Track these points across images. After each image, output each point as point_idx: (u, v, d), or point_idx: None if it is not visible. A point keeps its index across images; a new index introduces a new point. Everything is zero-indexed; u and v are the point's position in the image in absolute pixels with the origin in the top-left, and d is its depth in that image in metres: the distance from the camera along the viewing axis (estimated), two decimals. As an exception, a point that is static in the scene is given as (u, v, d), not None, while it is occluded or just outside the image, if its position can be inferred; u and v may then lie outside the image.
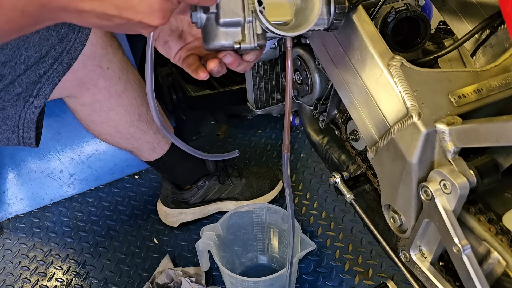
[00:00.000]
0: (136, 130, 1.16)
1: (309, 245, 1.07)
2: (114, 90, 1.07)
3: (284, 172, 0.72)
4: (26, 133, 0.97)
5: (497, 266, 0.65)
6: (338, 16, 0.62)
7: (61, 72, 0.93)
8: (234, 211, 1.19)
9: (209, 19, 0.59)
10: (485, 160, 0.65)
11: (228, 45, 0.60)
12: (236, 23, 0.58)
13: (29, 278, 1.31)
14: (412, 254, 0.75)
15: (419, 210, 0.69)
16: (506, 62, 0.71)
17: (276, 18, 0.61)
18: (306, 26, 0.59)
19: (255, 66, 1.18)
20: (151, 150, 1.24)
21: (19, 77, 0.90)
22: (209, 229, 1.14)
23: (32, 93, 0.93)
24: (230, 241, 1.21)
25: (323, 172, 1.55)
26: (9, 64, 0.88)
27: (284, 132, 0.67)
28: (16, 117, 0.95)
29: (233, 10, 0.57)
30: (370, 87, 0.69)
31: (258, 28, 0.59)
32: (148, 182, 1.59)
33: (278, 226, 1.21)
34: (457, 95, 0.66)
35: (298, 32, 0.59)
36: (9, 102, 0.93)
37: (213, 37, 0.59)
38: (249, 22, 0.58)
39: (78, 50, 0.93)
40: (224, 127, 1.79)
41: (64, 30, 0.90)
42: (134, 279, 1.28)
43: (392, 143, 0.68)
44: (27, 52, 0.88)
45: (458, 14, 0.82)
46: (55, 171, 1.54)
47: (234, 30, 0.59)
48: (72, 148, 1.55)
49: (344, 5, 0.62)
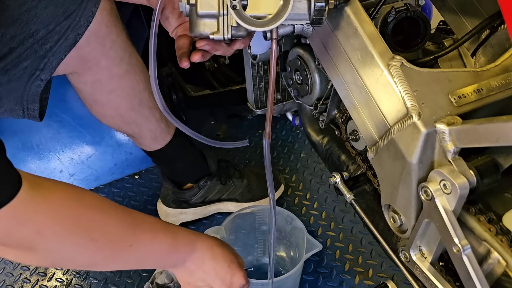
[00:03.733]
0: (137, 115, 1.17)
1: (315, 246, 1.06)
2: (116, 71, 1.07)
3: (266, 160, 0.73)
4: (30, 105, 0.98)
5: (497, 266, 0.65)
6: (318, 13, 0.65)
7: (67, 47, 0.96)
8: (237, 213, 1.18)
9: (192, 10, 0.65)
10: (485, 160, 0.65)
11: (205, 34, 0.66)
12: (212, 15, 0.64)
13: (29, 278, 1.31)
14: (412, 254, 0.75)
15: (419, 210, 0.69)
16: (506, 62, 0.71)
17: (259, 11, 0.63)
18: (276, 21, 0.62)
19: (255, 66, 1.18)
20: (153, 139, 1.24)
21: (26, 51, 0.92)
22: (212, 232, 1.13)
23: (39, 67, 0.95)
24: (232, 243, 1.20)
25: (323, 172, 1.54)
26: (18, 37, 0.90)
27: (266, 119, 0.68)
28: (21, 88, 0.96)
29: (209, 3, 0.64)
30: (370, 87, 0.69)
31: (233, 21, 0.64)
32: (148, 182, 1.58)
33: (281, 227, 1.20)
34: (457, 95, 0.66)
35: (266, 28, 0.62)
36: (15, 75, 0.95)
37: (194, 26, 0.66)
38: (224, 15, 0.64)
39: (84, 27, 0.95)
40: (224, 127, 1.79)
41: (71, 7, 0.93)
42: (134, 279, 1.28)
43: (392, 143, 0.68)
44: (36, 26, 0.91)
45: (458, 14, 0.82)
46: (55, 171, 1.54)
47: (211, 21, 0.65)
48: (72, 148, 1.55)
49: (323, 3, 0.64)
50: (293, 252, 1.21)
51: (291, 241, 1.20)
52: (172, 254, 0.83)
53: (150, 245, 0.78)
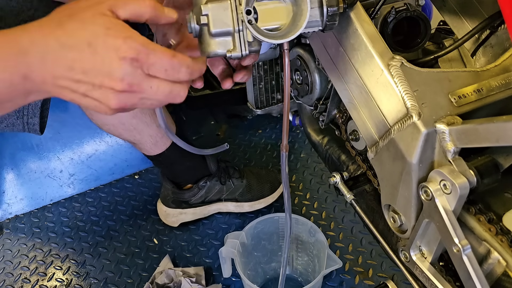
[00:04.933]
0: (138, 122, 1.17)
1: (335, 263, 1.05)
2: None
3: (283, 172, 0.72)
4: (31, 119, 0.98)
5: (497, 266, 0.65)
6: (331, 18, 0.63)
7: None
8: (260, 220, 1.16)
9: (202, 29, 0.61)
10: (485, 160, 0.65)
11: (222, 53, 0.62)
12: (227, 33, 0.60)
13: (29, 278, 1.31)
14: (412, 254, 0.75)
15: (419, 210, 0.69)
16: (506, 62, 0.71)
17: (271, 23, 0.62)
18: (294, 32, 0.60)
19: (255, 66, 1.18)
20: (154, 144, 1.25)
21: None
22: (233, 237, 1.12)
23: None
24: (253, 249, 1.19)
25: (323, 172, 1.55)
26: None
27: (283, 132, 0.67)
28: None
29: (222, 21, 0.59)
30: (370, 87, 0.69)
31: (249, 36, 0.60)
32: (148, 182, 1.58)
33: (304, 238, 1.18)
34: (457, 95, 0.66)
35: (287, 39, 0.60)
36: None
37: (207, 46, 0.61)
38: (239, 32, 0.60)
39: None
40: (224, 127, 1.79)
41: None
42: (134, 279, 1.28)
43: (392, 143, 0.68)
44: None
45: (458, 14, 0.82)
46: (55, 171, 1.54)
47: (225, 39, 0.61)
48: (72, 148, 1.55)
49: (336, 7, 0.63)
50: (314, 264, 1.19)
51: (314, 254, 1.18)
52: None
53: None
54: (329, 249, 1.08)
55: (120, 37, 0.53)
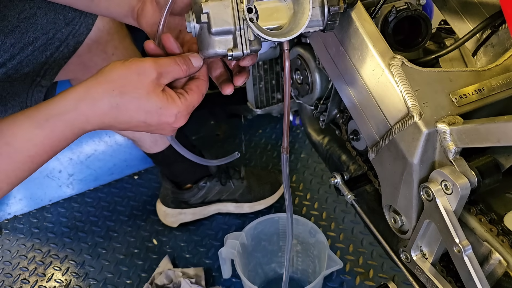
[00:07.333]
0: None
1: (335, 263, 1.05)
2: None
3: (284, 174, 0.72)
4: None
5: (498, 267, 0.64)
6: (332, 18, 0.63)
7: (66, 54, 0.96)
8: (260, 220, 1.16)
9: (202, 28, 0.60)
10: (486, 161, 0.64)
11: (222, 53, 0.61)
12: (228, 31, 0.59)
13: (28, 279, 1.30)
14: (413, 254, 0.74)
15: (420, 210, 0.69)
16: (507, 61, 0.71)
17: (271, 23, 0.61)
18: (296, 30, 0.59)
19: (255, 66, 1.18)
20: (153, 142, 1.25)
21: (26, 58, 0.93)
22: (233, 237, 1.12)
23: (39, 73, 0.96)
24: (253, 249, 1.19)
25: (324, 172, 1.54)
26: (18, 45, 0.91)
27: (284, 134, 0.67)
28: (24, 94, 0.97)
29: (223, 19, 0.58)
30: (371, 87, 0.69)
31: (250, 35, 0.60)
32: (147, 182, 1.58)
33: (304, 239, 1.18)
34: (458, 95, 0.66)
35: (290, 37, 0.60)
36: (17, 80, 0.95)
37: (206, 45, 0.61)
38: (241, 30, 0.59)
39: (84, 34, 0.95)
40: (224, 127, 1.79)
41: (71, 14, 0.93)
42: (133, 280, 1.27)
43: (393, 143, 0.67)
44: (35, 34, 0.92)
45: (459, 14, 0.82)
46: (54, 171, 1.53)
47: (226, 38, 0.60)
48: (71, 148, 1.54)
49: (337, 7, 0.62)
50: (315, 265, 1.19)
51: (314, 254, 1.18)
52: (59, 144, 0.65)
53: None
54: (330, 250, 1.07)
55: (172, 115, 0.62)
